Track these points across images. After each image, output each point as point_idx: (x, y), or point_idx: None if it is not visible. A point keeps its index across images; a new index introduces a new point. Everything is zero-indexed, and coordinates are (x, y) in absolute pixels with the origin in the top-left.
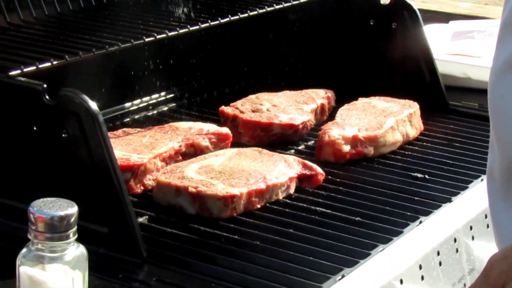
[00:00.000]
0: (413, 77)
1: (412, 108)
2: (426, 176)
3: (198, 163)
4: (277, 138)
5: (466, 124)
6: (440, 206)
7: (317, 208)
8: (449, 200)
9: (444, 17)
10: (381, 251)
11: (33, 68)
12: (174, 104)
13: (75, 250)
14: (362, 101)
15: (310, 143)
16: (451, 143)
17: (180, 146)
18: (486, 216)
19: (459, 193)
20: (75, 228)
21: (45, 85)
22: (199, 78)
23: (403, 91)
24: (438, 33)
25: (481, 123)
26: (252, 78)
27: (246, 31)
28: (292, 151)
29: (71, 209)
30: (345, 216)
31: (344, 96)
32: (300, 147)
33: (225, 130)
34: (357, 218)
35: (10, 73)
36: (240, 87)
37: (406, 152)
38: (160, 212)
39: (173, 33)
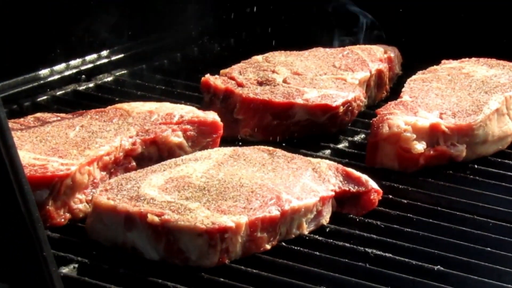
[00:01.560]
0: None
1: None
2: None
3: (164, 173)
4: (301, 130)
5: None
6: None
7: (370, 250)
8: None
9: None
10: None
11: None
12: (124, 71)
13: None
14: (447, 65)
15: (358, 138)
16: None
17: (134, 143)
18: None
19: None
20: None
21: None
22: (168, 24)
23: None
24: None
25: None
26: (259, 24)
27: None
28: (327, 151)
29: None
30: (416, 263)
31: (417, 57)
32: (340, 145)
33: (212, 116)
34: (436, 267)
35: None
36: (238, 39)
37: None
38: (99, 257)
39: None
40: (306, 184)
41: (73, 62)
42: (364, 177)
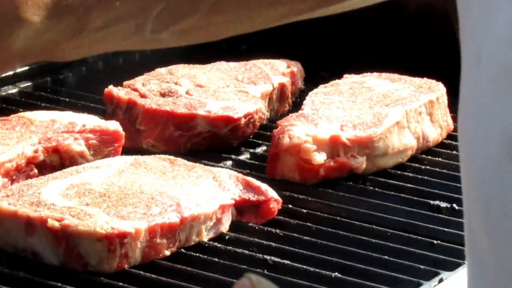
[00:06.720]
0: (438, 39)
1: (434, 92)
2: (455, 205)
3: (65, 180)
4: (203, 142)
5: None
6: None
7: (268, 257)
8: None
9: None
10: None
11: None
12: (28, 84)
13: None
14: (349, 79)
15: (260, 150)
16: None
17: (36, 151)
18: None
19: None
20: None
21: None
22: None
23: (420, 64)
24: None
25: None
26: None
27: None
28: (229, 162)
29: None
30: (314, 270)
31: (318, 72)
32: (242, 157)
33: (114, 125)
34: (334, 274)
35: None
36: (142, 53)
37: (423, 167)
38: None
39: None
40: (206, 192)
41: None
42: (264, 186)
